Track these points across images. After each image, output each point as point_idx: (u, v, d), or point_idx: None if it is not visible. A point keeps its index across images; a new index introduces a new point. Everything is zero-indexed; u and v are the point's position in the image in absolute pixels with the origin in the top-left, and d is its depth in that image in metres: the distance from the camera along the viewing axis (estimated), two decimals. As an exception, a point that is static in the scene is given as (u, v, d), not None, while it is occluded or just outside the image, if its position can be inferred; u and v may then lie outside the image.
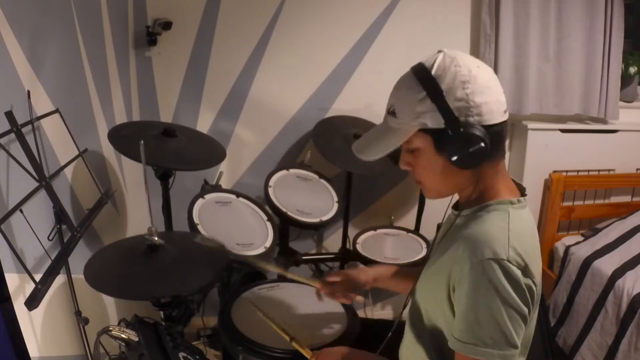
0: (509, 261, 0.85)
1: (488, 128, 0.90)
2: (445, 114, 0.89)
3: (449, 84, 0.89)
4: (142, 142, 1.27)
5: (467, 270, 0.87)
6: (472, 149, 0.88)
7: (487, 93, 0.90)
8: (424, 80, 0.91)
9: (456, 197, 1.05)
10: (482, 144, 0.88)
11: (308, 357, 1.21)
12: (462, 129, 0.88)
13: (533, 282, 0.89)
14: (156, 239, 1.29)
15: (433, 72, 0.90)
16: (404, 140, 0.96)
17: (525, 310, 0.87)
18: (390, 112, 0.97)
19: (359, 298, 1.34)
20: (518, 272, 0.86)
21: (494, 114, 0.91)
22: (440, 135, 0.91)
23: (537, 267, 0.92)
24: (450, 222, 1.04)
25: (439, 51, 0.94)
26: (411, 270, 1.33)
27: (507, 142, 2.57)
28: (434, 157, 0.94)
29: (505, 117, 0.94)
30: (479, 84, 0.89)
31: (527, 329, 0.97)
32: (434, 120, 0.90)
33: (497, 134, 0.92)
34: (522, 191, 1.01)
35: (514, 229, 0.89)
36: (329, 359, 1.17)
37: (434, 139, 0.92)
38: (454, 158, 0.90)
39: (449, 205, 1.07)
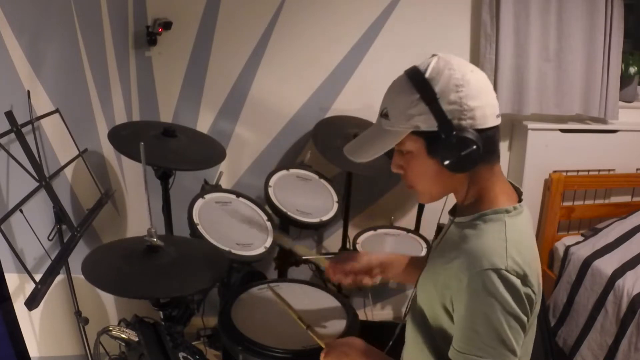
0: (507, 271, 0.85)
1: (481, 132, 0.90)
2: (439, 116, 0.89)
3: (443, 87, 0.89)
4: (142, 143, 1.27)
5: (465, 282, 0.87)
6: (464, 152, 0.88)
7: (480, 97, 0.90)
8: (417, 83, 0.91)
9: (453, 200, 1.05)
10: (475, 148, 0.88)
11: (323, 346, 1.19)
12: (454, 132, 0.88)
13: (532, 291, 0.88)
14: (155, 239, 1.29)
15: (427, 75, 0.90)
16: (396, 142, 0.95)
17: (525, 319, 0.87)
18: (383, 115, 0.97)
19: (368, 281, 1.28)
20: (517, 281, 0.85)
21: (487, 118, 0.91)
22: (433, 138, 0.91)
23: (536, 275, 0.91)
24: (447, 228, 1.04)
25: (433, 55, 0.94)
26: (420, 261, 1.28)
27: (508, 142, 2.57)
28: (426, 160, 0.94)
29: (497, 122, 0.94)
30: (472, 88, 0.89)
31: (528, 336, 0.97)
32: (427, 123, 0.90)
33: (490, 138, 0.92)
34: (519, 195, 1.00)
35: (512, 239, 0.89)
36: (340, 351, 1.14)
37: (427, 141, 0.92)
38: (447, 161, 0.90)
39: (444, 206, 1.07)
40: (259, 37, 2.23)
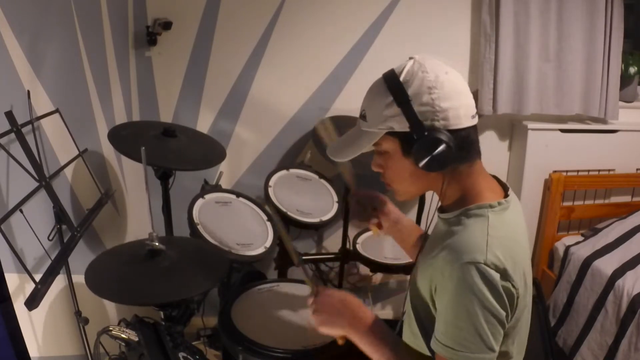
0: (486, 264, 0.86)
1: (454, 132, 0.93)
2: (411, 118, 0.93)
3: (416, 89, 0.93)
4: (143, 148, 1.27)
5: (447, 276, 0.89)
6: (436, 152, 0.91)
7: (453, 98, 0.93)
8: (392, 85, 0.95)
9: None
10: (446, 148, 0.91)
11: (311, 289, 1.11)
12: (426, 133, 0.92)
13: (513, 285, 0.89)
14: (157, 244, 1.29)
15: (401, 78, 0.95)
16: (372, 143, 1.00)
17: (503, 314, 0.88)
18: (362, 116, 1.02)
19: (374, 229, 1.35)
20: (496, 276, 0.86)
21: (460, 119, 0.93)
22: (407, 139, 0.95)
23: (520, 270, 0.92)
24: (435, 225, 1.08)
25: (410, 58, 0.98)
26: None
27: (508, 142, 2.57)
28: (402, 159, 0.98)
29: (473, 122, 0.96)
30: (445, 90, 0.92)
31: (519, 334, 0.98)
32: (400, 124, 0.94)
33: (464, 138, 0.95)
34: (505, 190, 1.02)
35: (494, 233, 0.91)
36: (332, 309, 1.08)
37: (401, 142, 0.96)
38: (419, 161, 0.93)
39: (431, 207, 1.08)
40: (259, 37, 2.23)
